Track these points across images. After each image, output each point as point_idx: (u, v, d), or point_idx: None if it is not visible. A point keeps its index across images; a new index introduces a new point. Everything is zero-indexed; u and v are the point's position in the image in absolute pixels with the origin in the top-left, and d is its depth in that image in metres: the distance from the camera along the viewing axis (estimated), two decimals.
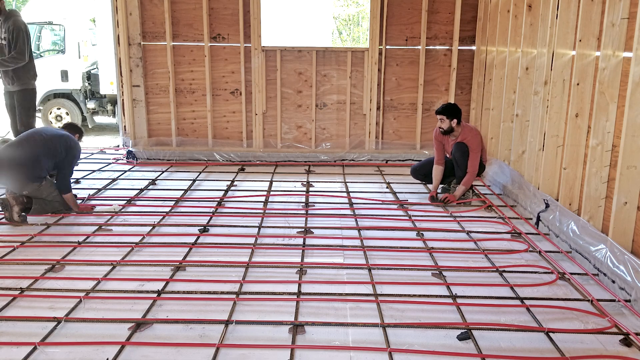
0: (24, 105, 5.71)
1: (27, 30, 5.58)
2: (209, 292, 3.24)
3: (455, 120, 5.04)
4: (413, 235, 4.27)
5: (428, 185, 5.65)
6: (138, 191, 5.39)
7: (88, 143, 7.81)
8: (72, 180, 4.95)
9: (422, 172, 5.55)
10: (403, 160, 6.85)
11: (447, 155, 5.35)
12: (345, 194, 5.41)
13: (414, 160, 6.77)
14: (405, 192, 5.52)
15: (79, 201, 4.97)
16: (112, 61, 7.72)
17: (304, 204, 5.05)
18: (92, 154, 7.29)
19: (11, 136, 5.93)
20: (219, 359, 2.60)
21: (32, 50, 5.62)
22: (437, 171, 5.26)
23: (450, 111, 5.03)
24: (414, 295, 3.22)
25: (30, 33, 10.51)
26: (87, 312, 3.03)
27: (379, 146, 6.93)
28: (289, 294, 3.24)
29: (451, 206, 5.07)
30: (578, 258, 3.79)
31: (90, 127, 10.25)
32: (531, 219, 4.61)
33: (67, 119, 10.08)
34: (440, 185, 5.39)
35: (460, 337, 2.79)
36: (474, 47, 6.67)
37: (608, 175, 3.71)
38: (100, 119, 10.74)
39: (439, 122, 5.09)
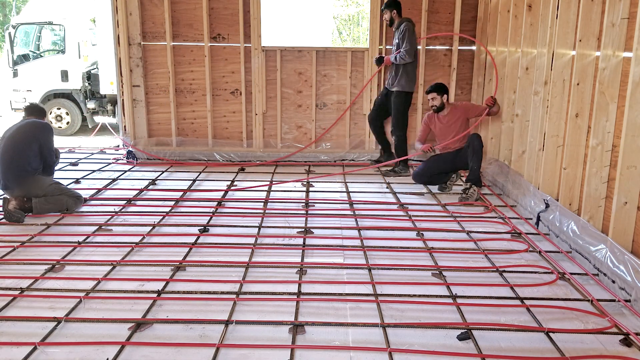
0: (399, 108, 6.11)
1: (414, 32, 5.96)
2: (209, 292, 3.24)
3: (445, 96, 5.50)
4: (413, 235, 4.27)
5: (429, 186, 5.72)
6: (138, 191, 5.39)
7: (88, 143, 7.81)
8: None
9: (426, 176, 5.73)
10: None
11: (437, 141, 5.72)
12: (345, 194, 5.41)
13: (414, 160, 6.76)
14: (406, 192, 5.52)
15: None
16: (112, 61, 7.73)
17: (304, 204, 5.05)
18: (92, 154, 7.29)
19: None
20: (219, 359, 2.60)
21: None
22: (420, 145, 5.62)
23: (440, 88, 5.46)
24: (414, 295, 3.22)
25: (31, 33, 10.54)
26: (87, 312, 3.03)
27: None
28: (289, 294, 3.24)
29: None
30: (578, 258, 3.79)
31: (90, 127, 10.26)
32: (531, 219, 4.61)
33: (67, 119, 10.09)
34: (437, 185, 5.65)
35: (460, 337, 2.79)
36: (474, 47, 6.67)
37: (608, 175, 3.71)
38: (100, 119, 10.75)
39: (431, 102, 5.50)
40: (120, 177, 6.00)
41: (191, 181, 5.83)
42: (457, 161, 5.54)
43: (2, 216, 4.52)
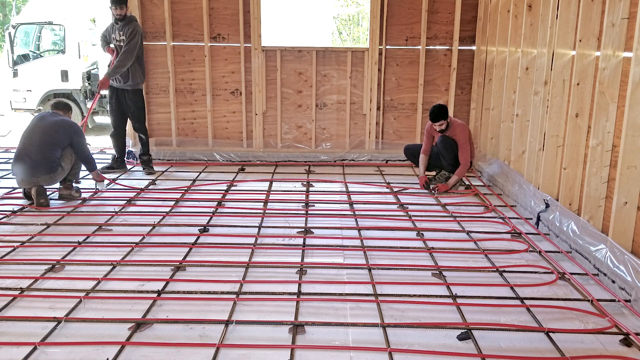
0: (138, 104, 6.05)
1: (142, 35, 5.96)
2: (209, 292, 3.24)
3: (449, 117, 5.48)
4: (413, 235, 4.27)
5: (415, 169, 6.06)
6: (138, 191, 5.39)
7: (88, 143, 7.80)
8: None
9: (411, 152, 5.97)
10: (403, 160, 6.82)
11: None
12: (345, 194, 5.41)
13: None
14: (405, 191, 5.52)
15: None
16: None
17: (304, 204, 5.05)
18: (92, 153, 7.27)
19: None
20: (219, 359, 2.60)
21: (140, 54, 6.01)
22: (423, 159, 5.73)
23: (445, 113, 5.37)
24: (414, 295, 3.22)
25: (31, 33, 10.53)
26: (87, 312, 3.03)
27: (379, 146, 6.92)
28: (289, 294, 3.24)
29: (440, 194, 5.44)
30: (578, 258, 3.79)
31: (90, 127, 10.26)
32: (531, 219, 4.61)
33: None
34: (431, 173, 5.91)
35: (460, 337, 2.79)
36: (474, 47, 6.67)
37: (608, 175, 3.71)
38: (100, 119, 10.75)
39: (438, 127, 5.43)
40: (120, 177, 6.00)
41: (191, 181, 5.84)
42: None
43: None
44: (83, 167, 5.23)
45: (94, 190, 5.37)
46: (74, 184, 5.18)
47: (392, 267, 3.66)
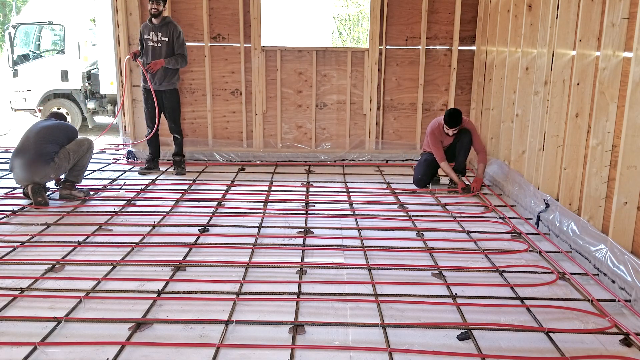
0: (174, 104, 6.06)
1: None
2: (209, 292, 3.24)
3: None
4: (413, 235, 4.27)
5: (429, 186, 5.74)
6: (138, 191, 5.39)
7: None
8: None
9: (424, 181, 5.69)
10: (403, 160, 6.84)
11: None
12: (345, 194, 5.41)
13: (414, 160, 6.76)
14: (405, 192, 5.52)
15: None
16: (112, 61, 7.72)
17: (304, 204, 5.05)
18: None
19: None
20: (219, 359, 2.60)
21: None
22: (447, 165, 5.53)
23: (461, 118, 5.33)
24: (414, 295, 3.22)
25: (31, 33, 10.55)
26: (87, 312, 3.03)
27: (379, 146, 6.93)
28: (289, 294, 3.24)
29: (441, 194, 5.45)
30: (578, 258, 3.79)
31: (90, 127, 10.26)
32: (531, 219, 4.61)
33: (67, 120, 10.10)
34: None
35: (460, 337, 2.79)
36: (474, 47, 6.67)
37: (608, 175, 3.71)
38: (100, 119, 10.75)
39: (451, 132, 5.37)
40: (120, 177, 6.00)
41: (191, 181, 5.84)
42: (448, 156, 5.61)
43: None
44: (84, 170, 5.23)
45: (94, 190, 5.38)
46: (77, 186, 5.18)
47: (392, 267, 3.66)
